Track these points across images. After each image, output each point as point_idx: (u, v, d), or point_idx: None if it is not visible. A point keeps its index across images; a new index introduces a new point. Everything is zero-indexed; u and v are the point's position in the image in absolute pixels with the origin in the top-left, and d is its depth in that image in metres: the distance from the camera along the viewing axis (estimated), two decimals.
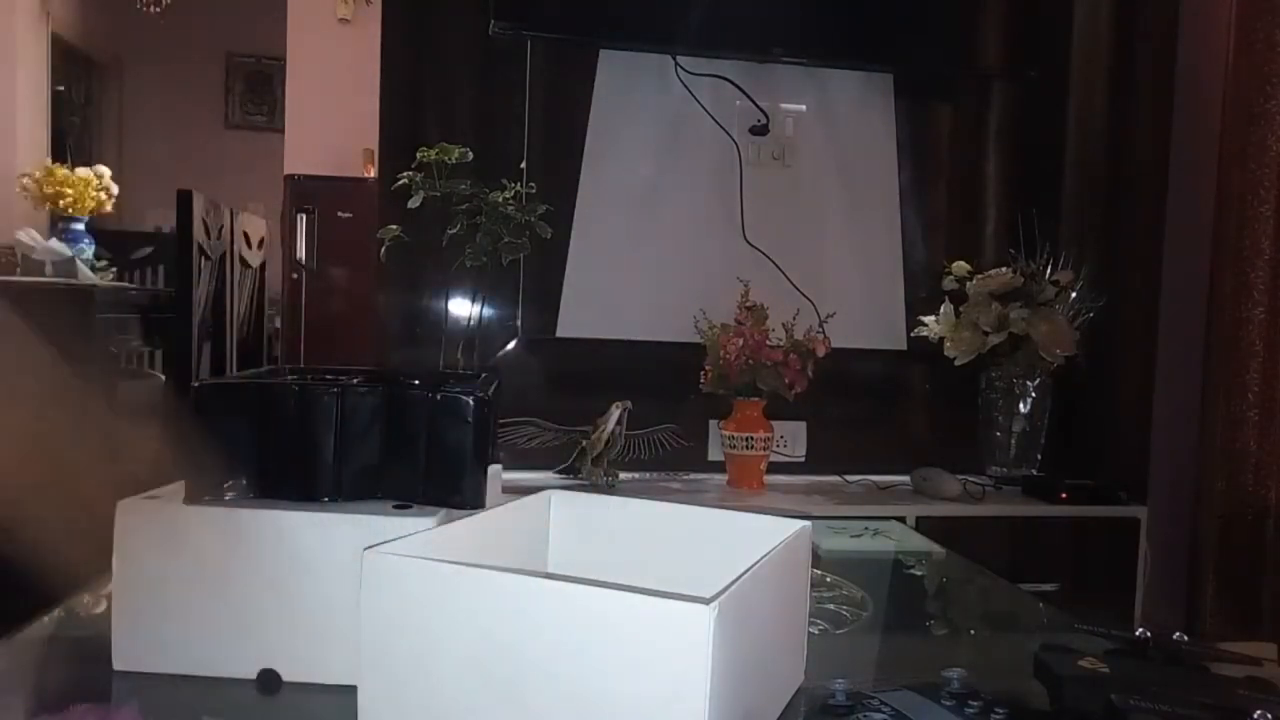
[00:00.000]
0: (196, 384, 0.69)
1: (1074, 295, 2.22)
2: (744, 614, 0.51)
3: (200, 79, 5.87)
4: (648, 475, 2.21)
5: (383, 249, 2.01)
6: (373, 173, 3.26)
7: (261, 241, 2.45)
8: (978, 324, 2.13)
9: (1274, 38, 2.08)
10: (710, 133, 2.28)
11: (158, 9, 4.87)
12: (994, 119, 2.44)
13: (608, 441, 2.05)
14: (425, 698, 0.52)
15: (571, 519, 0.75)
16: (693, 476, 2.24)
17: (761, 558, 0.57)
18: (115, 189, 2.45)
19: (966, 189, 2.46)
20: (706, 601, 0.46)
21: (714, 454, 2.25)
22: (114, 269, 2.62)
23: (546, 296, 2.25)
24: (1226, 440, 2.14)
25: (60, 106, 4.88)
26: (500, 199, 1.96)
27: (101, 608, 0.79)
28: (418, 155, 1.95)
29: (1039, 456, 2.27)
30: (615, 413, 2.05)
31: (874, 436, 2.35)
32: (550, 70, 2.24)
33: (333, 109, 3.68)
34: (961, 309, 2.17)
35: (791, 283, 2.26)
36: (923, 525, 1.86)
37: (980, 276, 2.18)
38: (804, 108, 2.35)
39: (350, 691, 0.54)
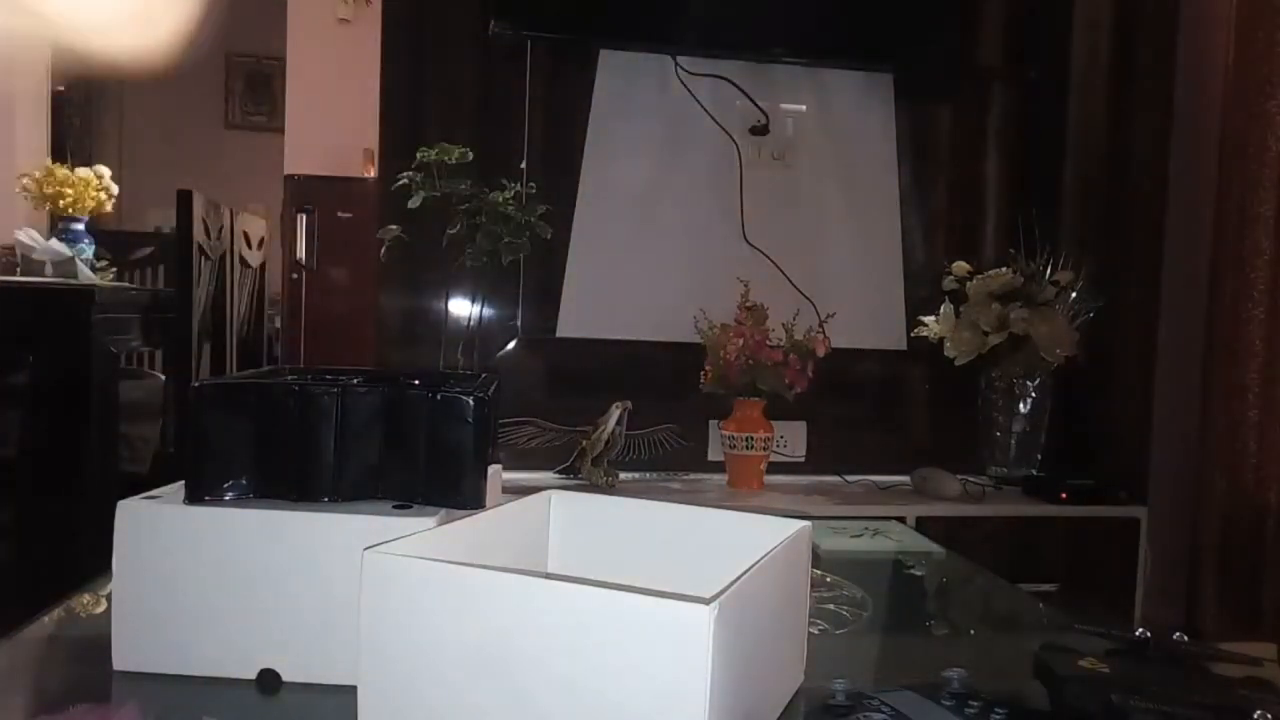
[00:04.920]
0: (196, 384, 0.69)
1: (1074, 295, 2.22)
2: (744, 614, 0.51)
3: (200, 79, 5.86)
4: (648, 475, 2.21)
5: (383, 249, 2.01)
6: (373, 173, 3.25)
7: (261, 241, 2.45)
8: (978, 324, 2.13)
9: (1274, 38, 2.08)
10: (710, 133, 2.28)
11: None
12: (994, 119, 2.44)
13: (608, 441, 2.05)
14: (425, 698, 0.52)
15: (571, 519, 0.75)
16: (693, 476, 2.24)
17: (761, 558, 0.57)
18: (115, 189, 2.44)
19: (966, 189, 2.46)
20: (706, 601, 0.46)
21: (714, 454, 2.25)
22: (114, 269, 2.62)
23: (546, 296, 2.25)
24: (1226, 440, 2.14)
25: (60, 106, 4.88)
26: (500, 199, 1.96)
27: (101, 608, 0.79)
28: (418, 155, 1.95)
29: (1039, 456, 2.27)
30: (615, 413, 2.06)
31: (874, 436, 2.35)
32: (550, 70, 2.24)
33: (333, 109, 3.68)
34: (961, 309, 2.17)
35: (791, 283, 2.26)
36: (923, 525, 1.86)
37: (980, 276, 2.18)
38: (804, 108, 2.35)
39: (350, 691, 0.54)
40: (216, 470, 0.68)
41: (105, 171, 2.42)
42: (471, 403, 0.68)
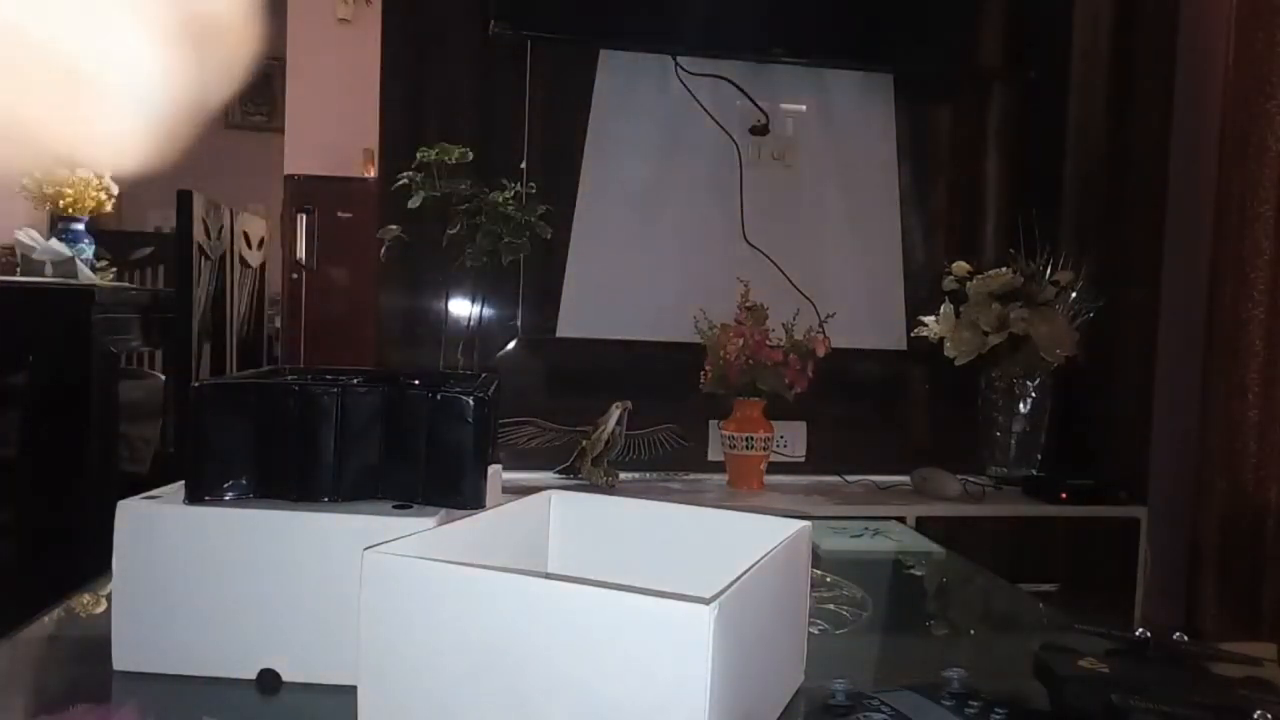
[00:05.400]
0: (196, 384, 0.69)
1: (1074, 295, 2.22)
2: (744, 614, 0.51)
3: None
4: (648, 475, 2.21)
5: (383, 249, 2.01)
6: (373, 173, 3.26)
7: (261, 241, 2.45)
8: (978, 324, 2.13)
9: (1274, 38, 2.08)
10: (710, 133, 2.28)
11: None
12: (994, 119, 2.44)
13: (608, 441, 2.05)
14: (425, 698, 0.52)
15: (571, 519, 0.75)
16: (693, 476, 2.24)
17: (761, 558, 0.57)
18: (115, 189, 2.44)
19: (966, 189, 2.46)
20: (706, 601, 0.46)
21: (714, 454, 2.25)
22: (114, 269, 2.61)
23: (546, 296, 2.25)
24: (1226, 440, 2.14)
25: None
26: (500, 199, 1.96)
27: (101, 608, 0.79)
28: (418, 155, 1.95)
29: (1039, 456, 2.27)
30: (615, 413, 2.05)
31: (874, 436, 2.35)
32: (550, 70, 2.24)
33: (333, 109, 3.68)
34: (961, 309, 2.17)
35: (791, 283, 2.26)
36: (923, 525, 1.86)
37: (980, 276, 2.18)
38: (804, 108, 2.35)
39: (350, 691, 0.54)
40: (216, 470, 0.68)
41: (105, 171, 2.42)
42: (471, 403, 0.68)
